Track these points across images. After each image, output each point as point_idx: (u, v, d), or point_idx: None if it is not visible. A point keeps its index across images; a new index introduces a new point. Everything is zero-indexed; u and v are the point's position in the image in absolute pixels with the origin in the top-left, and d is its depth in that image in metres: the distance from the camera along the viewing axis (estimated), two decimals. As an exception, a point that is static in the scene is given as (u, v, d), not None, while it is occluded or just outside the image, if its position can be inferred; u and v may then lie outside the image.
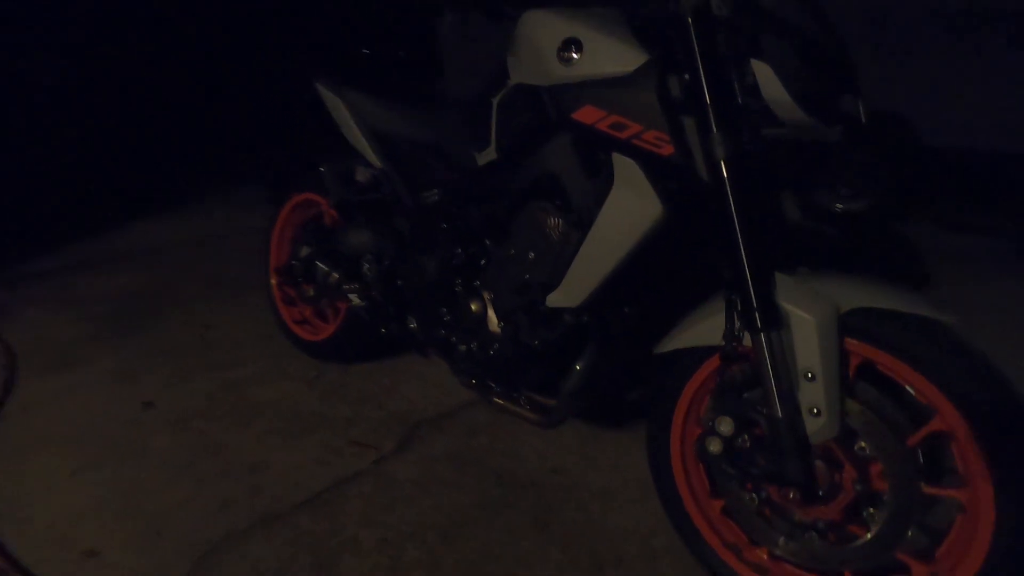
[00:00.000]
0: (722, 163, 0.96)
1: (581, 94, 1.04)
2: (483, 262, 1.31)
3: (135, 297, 2.44)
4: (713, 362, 1.09)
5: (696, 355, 1.11)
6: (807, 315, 0.94)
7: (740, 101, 0.97)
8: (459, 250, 1.32)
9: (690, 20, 0.95)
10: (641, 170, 1.00)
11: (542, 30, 1.09)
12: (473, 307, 1.31)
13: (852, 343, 0.97)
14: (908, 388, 0.95)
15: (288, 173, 1.85)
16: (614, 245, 1.04)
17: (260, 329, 2.10)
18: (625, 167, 1.01)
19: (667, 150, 0.97)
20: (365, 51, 1.79)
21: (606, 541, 1.29)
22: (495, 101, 1.25)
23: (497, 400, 1.41)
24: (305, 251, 1.77)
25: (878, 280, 1.00)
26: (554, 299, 1.15)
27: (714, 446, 1.04)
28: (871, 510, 0.98)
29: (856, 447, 0.98)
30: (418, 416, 1.70)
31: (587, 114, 1.04)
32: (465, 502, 1.40)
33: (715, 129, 0.95)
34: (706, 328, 1.06)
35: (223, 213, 3.36)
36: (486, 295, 1.30)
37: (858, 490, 0.98)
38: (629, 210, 1.02)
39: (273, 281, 1.97)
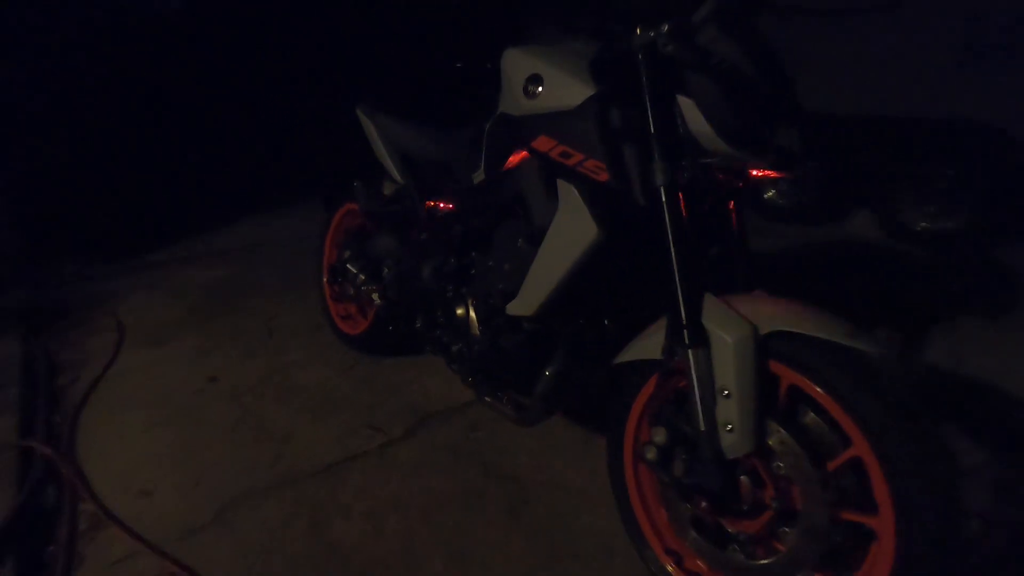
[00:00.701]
0: (662, 190, 1.03)
1: (539, 124, 1.15)
2: (471, 271, 1.45)
3: (223, 287, 2.84)
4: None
5: (646, 367, 1.18)
6: (725, 336, 0.99)
7: (680, 132, 1.04)
8: (452, 259, 1.47)
9: (640, 57, 1.03)
10: (579, 195, 1.09)
11: (513, 66, 1.21)
12: (459, 311, 1.45)
13: (778, 366, 1.00)
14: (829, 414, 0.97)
15: (339, 186, 2.10)
16: (558, 262, 1.14)
17: (314, 321, 2.38)
18: (568, 192, 1.11)
19: (603, 176, 1.06)
20: (459, 64, 1.99)
21: (569, 536, 1.38)
22: (486, 127, 1.39)
23: (485, 398, 1.54)
24: (346, 254, 2.01)
25: (810, 307, 1.02)
26: (512, 307, 1.26)
27: (650, 454, 1.11)
28: (785, 528, 1.00)
29: (775, 466, 1.01)
30: (431, 408, 1.87)
31: (543, 143, 1.15)
32: (451, 487, 1.54)
33: (657, 158, 1.03)
34: (653, 343, 1.12)
35: (303, 218, 3.77)
36: (470, 301, 1.44)
37: (774, 508, 1.01)
38: (570, 231, 1.12)
39: (324, 280, 2.23)
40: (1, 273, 2.70)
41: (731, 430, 0.99)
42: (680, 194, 1.06)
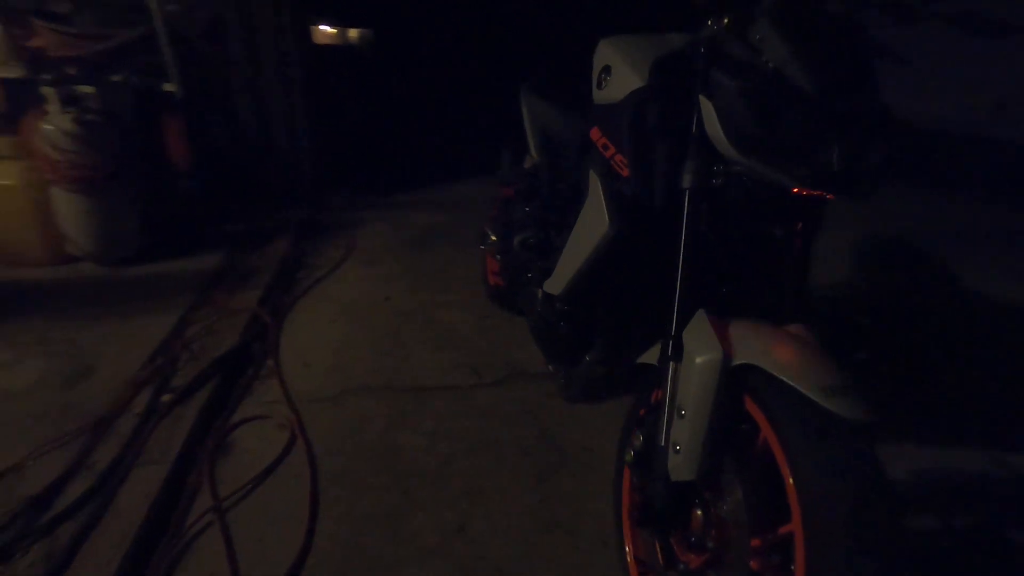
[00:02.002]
0: (686, 193, 1.01)
1: (597, 115, 1.20)
2: (549, 246, 1.57)
3: (430, 231, 3.40)
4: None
5: (654, 372, 1.17)
6: (695, 355, 0.95)
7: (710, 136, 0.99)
8: (538, 232, 1.60)
9: (701, 51, 1.01)
10: (601, 187, 1.12)
11: (598, 57, 1.27)
12: (532, 284, 1.59)
13: (753, 406, 0.92)
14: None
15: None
16: (579, 250, 1.19)
17: (478, 272, 2.74)
18: (595, 183, 1.15)
19: (625, 172, 1.07)
20: None
21: (576, 515, 1.46)
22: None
23: (548, 366, 1.66)
24: (491, 215, 2.28)
25: (809, 349, 0.90)
26: (546, 284, 1.35)
27: (628, 457, 1.13)
28: (711, 573, 0.93)
29: (720, 508, 0.94)
30: (527, 368, 2.05)
31: (595, 133, 1.20)
32: (504, 437, 1.73)
33: (689, 160, 1.01)
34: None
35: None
36: (539, 274, 1.56)
37: (711, 551, 0.94)
38: (590, 221, 1.16)
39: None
40: (298, 193, 3.70)
41: (679, 451, 0.97)
42: (707, 202, 1.02)
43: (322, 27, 6.66)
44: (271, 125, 3.63)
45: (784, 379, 0.85)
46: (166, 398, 1.80)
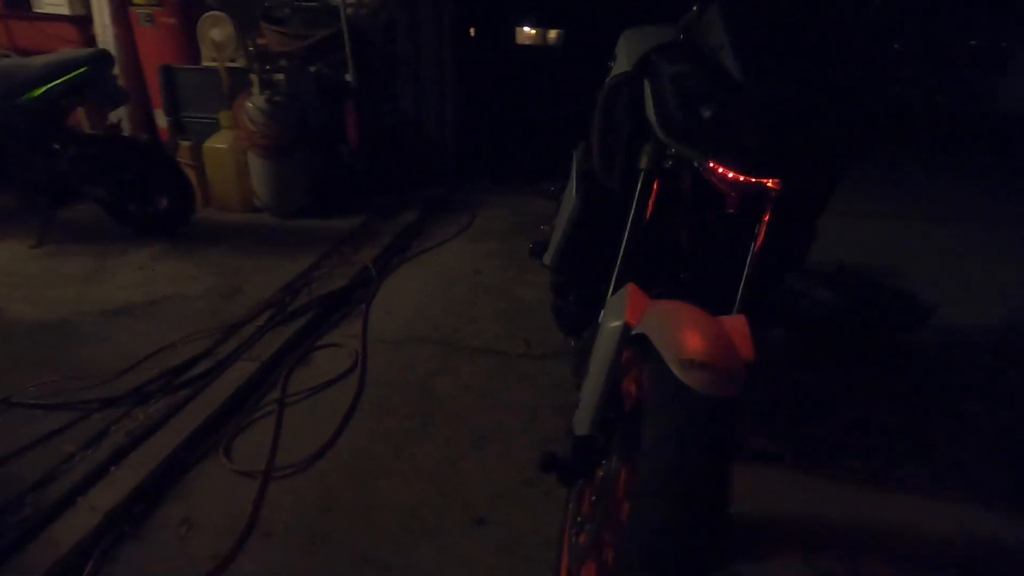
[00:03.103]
0: (641, 174, 1.10)
1: (597, 100, 1.30)
2: None
3: (538, 217, 3.60)
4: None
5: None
6: (607, 321, 1.04)
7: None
8: None
9: (681, 37, 1.09)
10: (576, 167, 1.23)
11: (616, 46, 1.35)
12: None
13: (638, 371, 0.99)
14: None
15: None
16: (560, 223, 1.31)
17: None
18: (576, 160, 1.26)
19: (594, 152, 1.17)
20: None
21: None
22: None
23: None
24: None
25: (698, 325, 0.94)
26: (544, 256, 1.48)
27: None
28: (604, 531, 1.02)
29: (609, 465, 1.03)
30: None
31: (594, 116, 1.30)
32: (525, 400, 1.91)
33: (649, 143, 1.09)
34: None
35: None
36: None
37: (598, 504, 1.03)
38: (566, 197, 1.27)
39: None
40: (440, 174, 4.18)
41: (579, 407, 1.07)
42: (663, 185, 1.08)
43: (525, 28, 7.23)
44: (424, 113, 4.15)
45: (657, 348, 0.92)
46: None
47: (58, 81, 2.56)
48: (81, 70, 2.58)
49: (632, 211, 1.09)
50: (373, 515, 1.48)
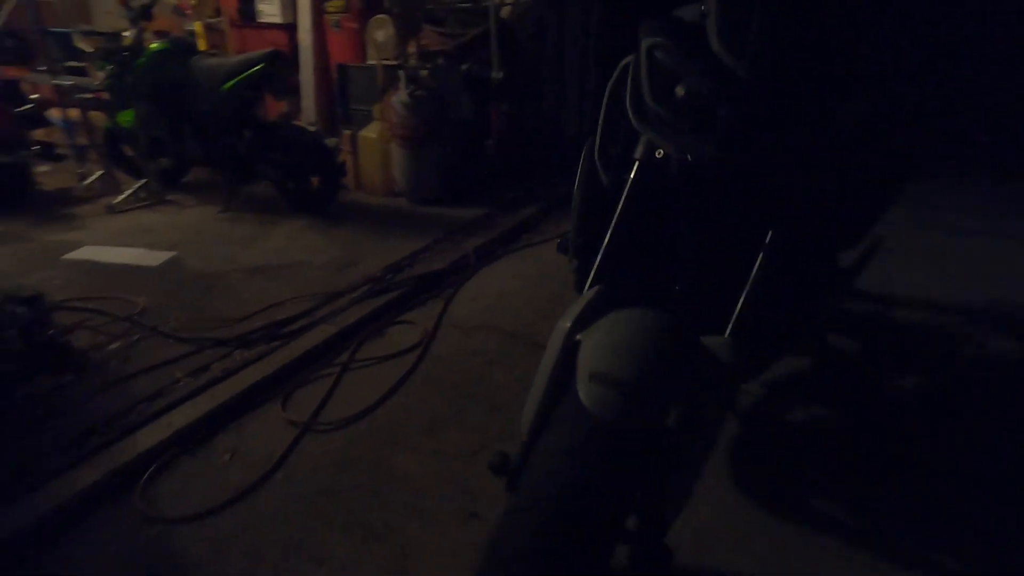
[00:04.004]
0: (635, 165, 1.01)
1: None
2: None
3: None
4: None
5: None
6: (559, 321, 0.97)
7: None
8: None
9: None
10: (584, 151, 1.15)
11: None
12: None
13: None
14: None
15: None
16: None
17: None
18: (583, 155, 1.17)
19: (596, 143, 1.09)
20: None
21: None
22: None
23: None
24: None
25: (635, 339, 0.83)
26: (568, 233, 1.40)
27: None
28: None
29: None
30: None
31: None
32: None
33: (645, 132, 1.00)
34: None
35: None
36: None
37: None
38: (576, 180, 1.19)
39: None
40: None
41: (524, 409, 1.01)
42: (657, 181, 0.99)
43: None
44: (565, 112, 4.15)
45: (580, 357, 0.84)
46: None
47: (242, 76, 3.10)
48: (259, 67, 3.09)
49: (619, 205, 0.99)
50: (380, 485, 1.56)
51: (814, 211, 0.99)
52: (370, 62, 3.95)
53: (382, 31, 3.81)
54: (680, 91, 0.85)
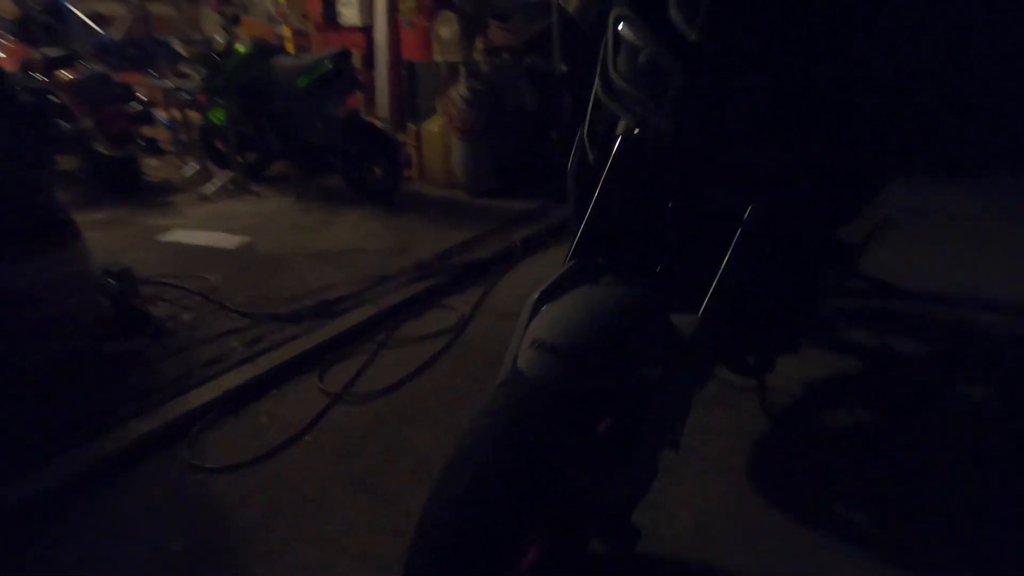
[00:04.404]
0: (617, 141, 1.02)
1: None
2: None
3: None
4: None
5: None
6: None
7: None
8: None
9: None
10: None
11: None
12: None
13: None
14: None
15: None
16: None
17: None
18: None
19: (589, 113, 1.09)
20: None
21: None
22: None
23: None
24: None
25: (588, 308, 0.84)
26: None
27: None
28: None
29: None
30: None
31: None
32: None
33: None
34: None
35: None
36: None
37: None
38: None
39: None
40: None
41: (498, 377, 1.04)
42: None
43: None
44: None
45: (531, 324, 0.86)
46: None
47: (314, 74, 3.32)
48: (328, 66, 3.30)
49: (600, 181, 1.00)
50: (396, 455, 1.64)
51: (795, 185, 0.93)
52: (435, 58, 4.10)
53: (447, 28, 3.94)
54: (642, 61, 0.84)
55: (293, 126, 3.54)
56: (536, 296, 0.99)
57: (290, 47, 5.40)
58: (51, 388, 1.86)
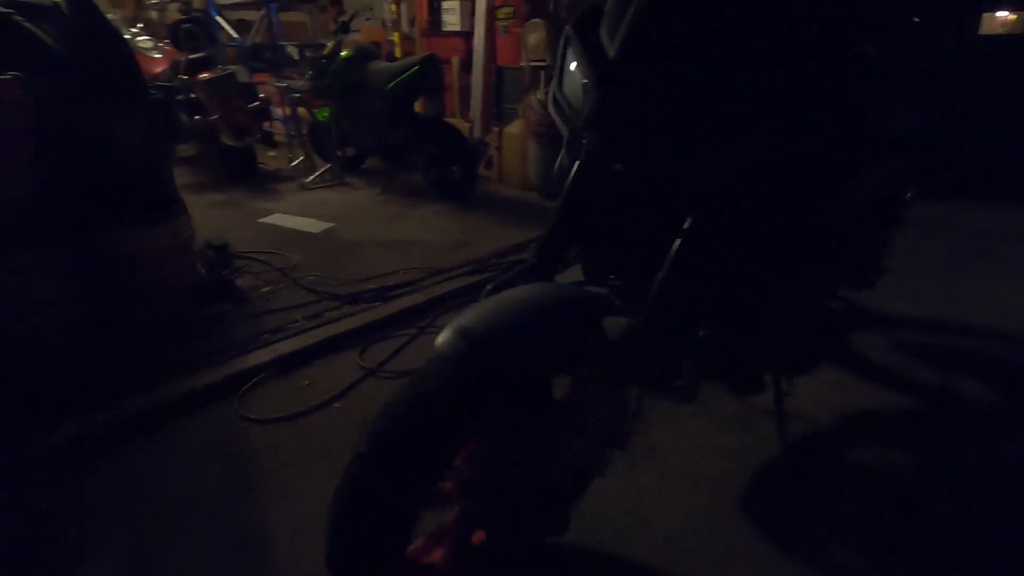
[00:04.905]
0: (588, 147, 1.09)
1: None
2: None
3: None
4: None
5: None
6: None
7: None
8: None
9: None
10: None
11: None
12: None
13: None
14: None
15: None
16: None
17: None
18: None
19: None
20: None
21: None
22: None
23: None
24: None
25: (515, 301, 0.91)
26: None
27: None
28: None
29: None
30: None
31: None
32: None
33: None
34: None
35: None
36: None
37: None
38: None
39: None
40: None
41: None
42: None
43: (998, 13, 5.72)
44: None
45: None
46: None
47: (401, 77, 3.58)
48: (414, 69, 3.54)
49: (565, 188, 1.06)
50: (410, 427, 1.79)
51: (739, 195, 0.92)
52: (522, 64, 4.24)
53: (535, 34, 4.06)
54: (576, 76, 0.89)
55: (382, 125, 3.84)
56: (488, 289, 1.07)
57: (398, 51, 5.81)
58: (148, 339, 2.22)
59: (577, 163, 1.04)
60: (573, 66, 0.95)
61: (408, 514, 0.87)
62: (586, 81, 0.89)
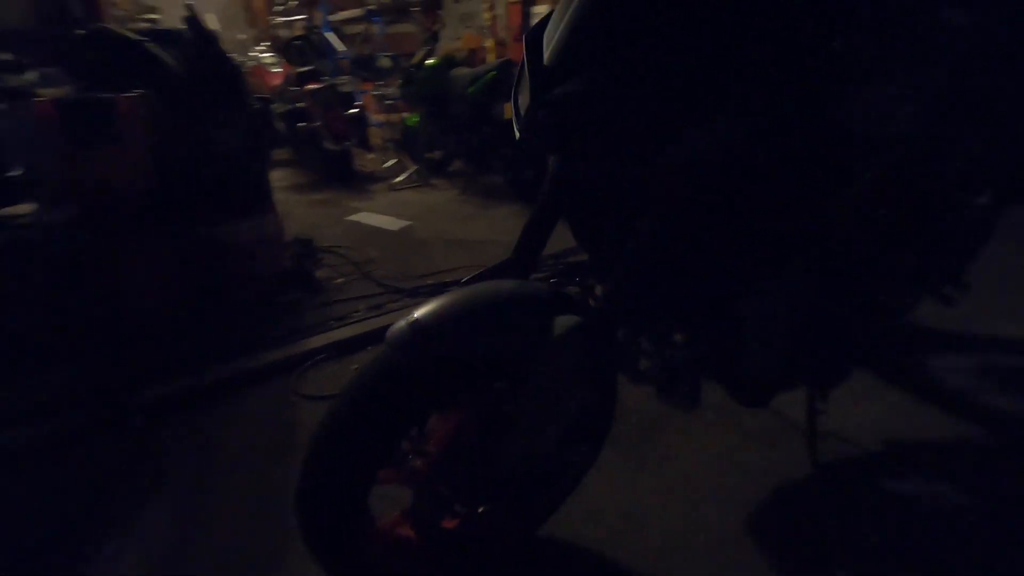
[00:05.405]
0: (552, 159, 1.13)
1: None
2: None
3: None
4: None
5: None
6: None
7: None
8: None
9: None
10: None
11: None
12: None
13: None
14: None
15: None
16: None
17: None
18: None
19: None
20: None
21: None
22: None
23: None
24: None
25: (473, 296, 0.96)
26: None
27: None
28: None
29: None
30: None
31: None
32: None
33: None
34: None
35: None
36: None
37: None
38: None
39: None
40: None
41: None
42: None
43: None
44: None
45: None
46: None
47: (480, 82, 3.72)
48: (492, 74, 3.67)
49: (543, 190, 1.10)
50: (438, 414, 1.89)
51: (693, 194, 0.89)
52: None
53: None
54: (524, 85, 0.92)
55: (463, 128, 4.02)
56: (462, 282, 1.12)
57: (491, 56, 6.01)
58: (233, 319, 2.54)
59: (551, 162, 1.07)
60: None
61: (357, 489, 0.95)
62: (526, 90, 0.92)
